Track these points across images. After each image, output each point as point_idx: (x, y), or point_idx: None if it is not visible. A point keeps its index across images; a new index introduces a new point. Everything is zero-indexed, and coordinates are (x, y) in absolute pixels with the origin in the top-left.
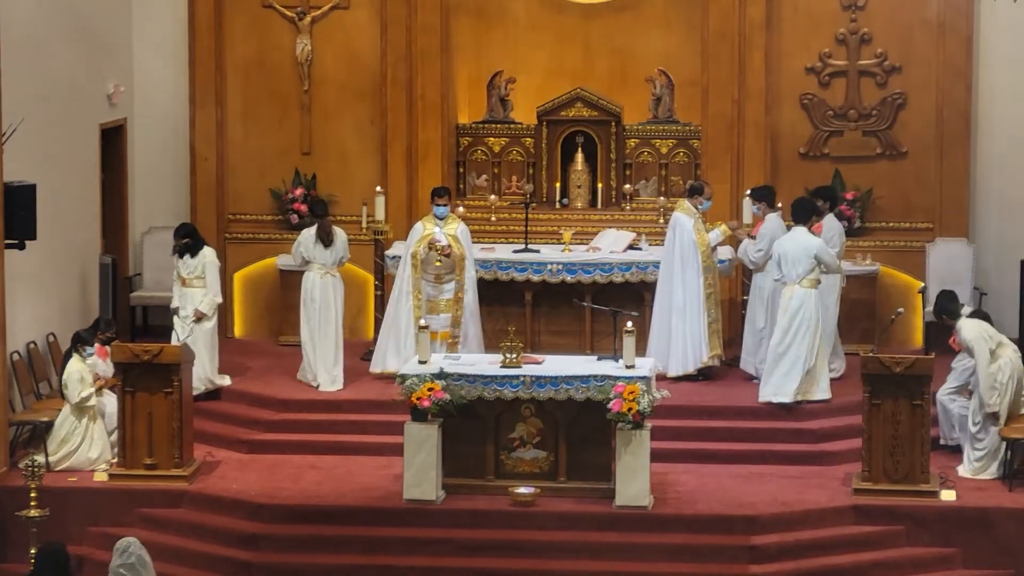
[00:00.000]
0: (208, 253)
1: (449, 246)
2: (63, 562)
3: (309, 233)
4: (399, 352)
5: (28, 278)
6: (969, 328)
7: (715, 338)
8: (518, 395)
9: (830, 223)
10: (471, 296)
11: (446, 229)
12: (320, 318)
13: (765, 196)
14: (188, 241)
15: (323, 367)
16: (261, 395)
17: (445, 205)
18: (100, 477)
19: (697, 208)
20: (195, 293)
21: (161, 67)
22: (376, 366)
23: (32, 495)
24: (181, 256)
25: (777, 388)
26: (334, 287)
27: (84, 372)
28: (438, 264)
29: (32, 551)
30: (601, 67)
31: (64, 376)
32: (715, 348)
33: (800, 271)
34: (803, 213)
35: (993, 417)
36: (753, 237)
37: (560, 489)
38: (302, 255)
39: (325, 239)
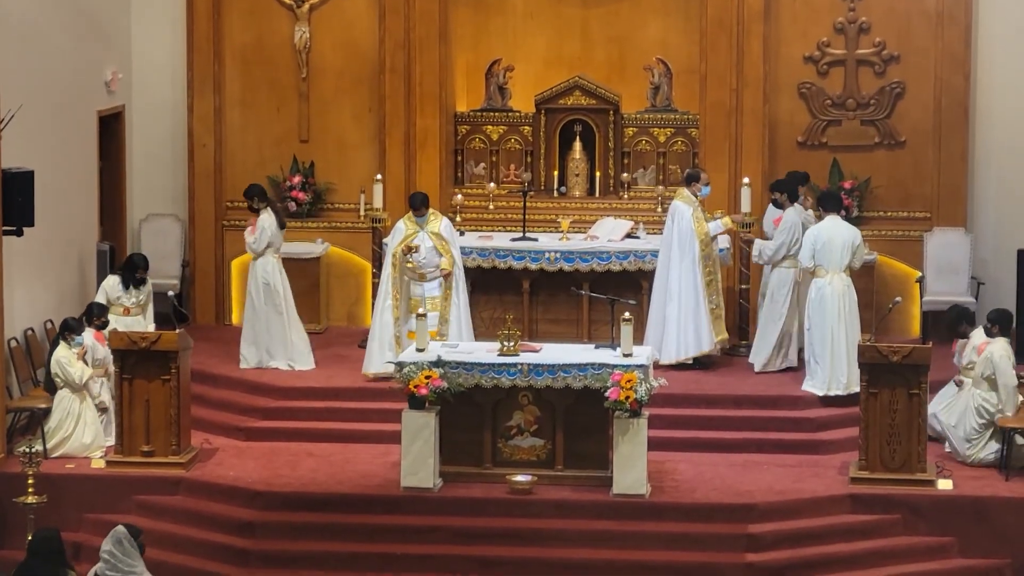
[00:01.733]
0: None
1: (443, 269)
2: (57, 548)
3: (271, 219)
4: (383, 354)
5: (26, 265)
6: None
7: (719, 323)
8: (515, 383)
9: (789, 216)
10: (460, 294)
11: (429, 227)
12: (285, 302)
13: (787, 187)
14: (145, 275)
15: (302, 346)
16: (259, 382)
17: (423, 215)
18: (97, 464)
19: (696, 195)
20: (136, 322)
21: (159, 54)
22: (367, 368)
23: (29, 482)
24: (127, 287)
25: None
26: (282, 270)
27: (71, 357)
28: (409, 266)
29: (29, 537)
30: (599, 55)
31: (52, 364)
32: (720, 333)
33: (846, 260)
34: (833, 201)
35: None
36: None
37: (557, 477)
38: (268, 241)
39: (282, 223)
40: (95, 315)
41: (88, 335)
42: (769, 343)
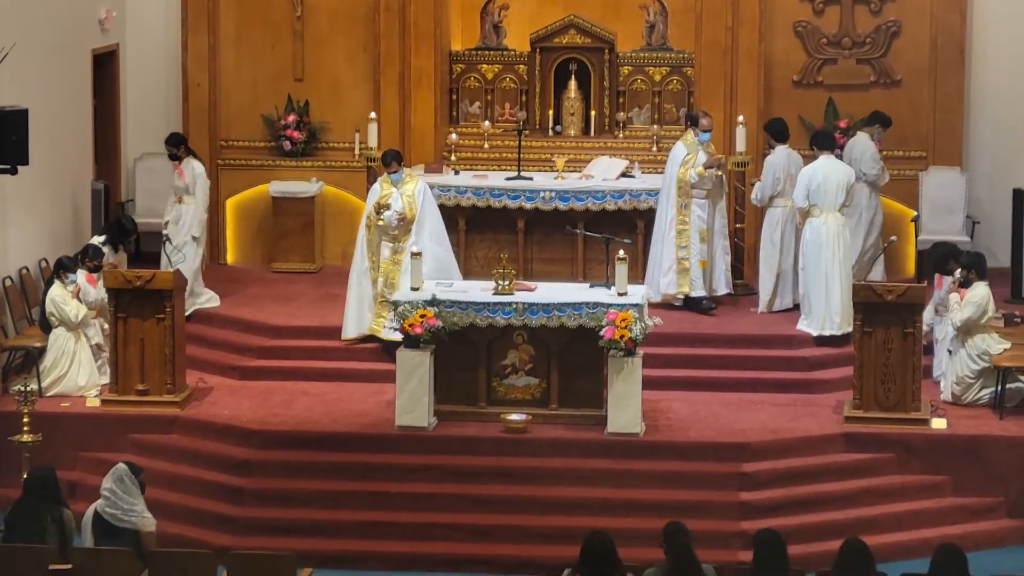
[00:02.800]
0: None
1: (402, 212)
2: (52, 486)
3: (201, 166)
4: (361, 317)
5: (20, 203)
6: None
7: (683, 276)
8: (510, 322)
9: (769, 159)
10: (429, 251)
11: (403, 188)
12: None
13: (772, 129)
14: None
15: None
16: (253, 321)
17: (396, 172)
18: (92, 403)
19: (695, 139)
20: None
21: None
22: (346, 332)
23: (25, 420)
24: (116, 250)
25: (844, 317)
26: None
27: (66, 296)
28: (381, 223)
29: (24, 476)
30: None
31: (47, 303)
32: (682, 286)
33: (841, 199)
34: (827, 141)
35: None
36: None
37: (552, 416)
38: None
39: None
40: (89, 257)
41: (80, 277)
42: (767, 284)
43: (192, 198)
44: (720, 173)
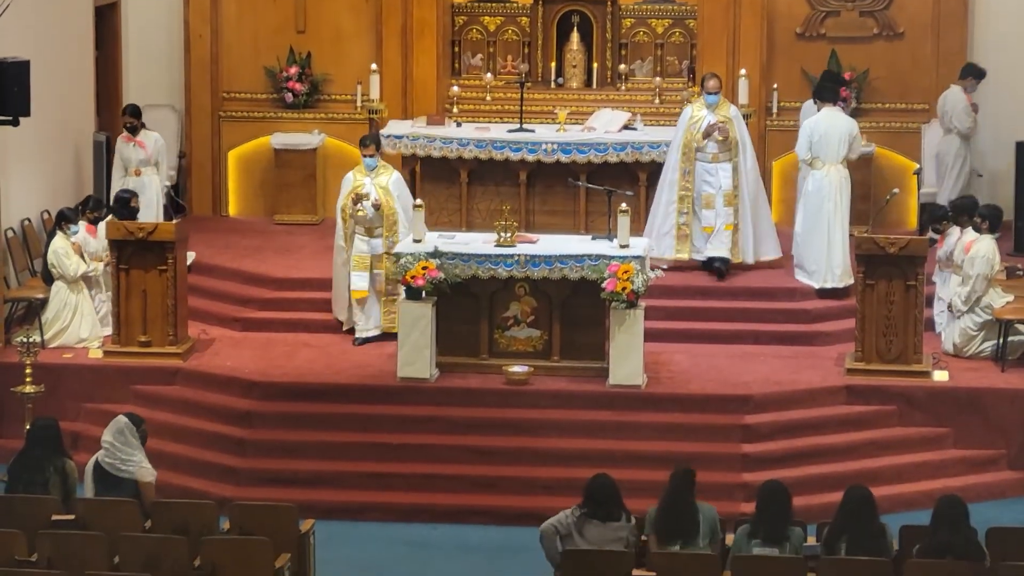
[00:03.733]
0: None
1: (377, 198)
2: (55, 437)
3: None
4: (336, 304)
5: (22, 155)
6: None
7: (682, 242)
8: (512, 274)
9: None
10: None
11: (377, 180)
12: None
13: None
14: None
15: None
16: (255, 273)
17: (372, 156)
18: (95, 354)
19: (704, 100)
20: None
21: None
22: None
23: (27, 371)
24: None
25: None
26: None
27: (68, 248)
28: (360, 214)
29: (27, 427)
30: None
31: (49, 254)
32: (681, 252)
33: (843, 151)
34: (830, 93)
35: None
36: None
37: (554, 368)
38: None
39: None
40: (89, 208)
41: (80, 227)
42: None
43: (153, 168)
44: (721, 138)
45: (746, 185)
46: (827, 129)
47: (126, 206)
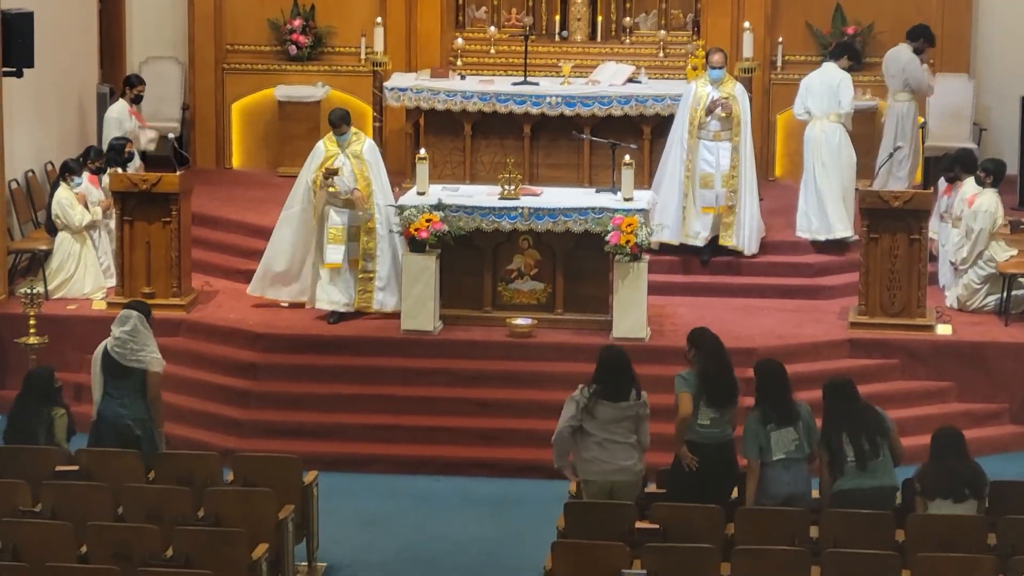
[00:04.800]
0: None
1: (355, 191)
2: (48, 386)
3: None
4: (287, 282)
5: (26, 106)
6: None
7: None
8: (516, 227)
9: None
10: (382, 225)
11: (350, 149)
12: None
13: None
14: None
15: None
16: (259, 225)
17: (344, 134)
18: (99, 305)
19: (707, 76)
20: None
21: None
22: (256, 289)
23: (31, 323)
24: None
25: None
26: None
27: (72, 199)
28: (332, 190)
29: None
30: None
31: (54, 205)
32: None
33: (832, 104)
34: (837, 50)
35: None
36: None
37: (557, 321)
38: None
39: None
40: (91, 159)
41: (83, 178)
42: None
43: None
44: (724, 115)
45: (744, 167)
46: (815, 83)
47: (120, 153)
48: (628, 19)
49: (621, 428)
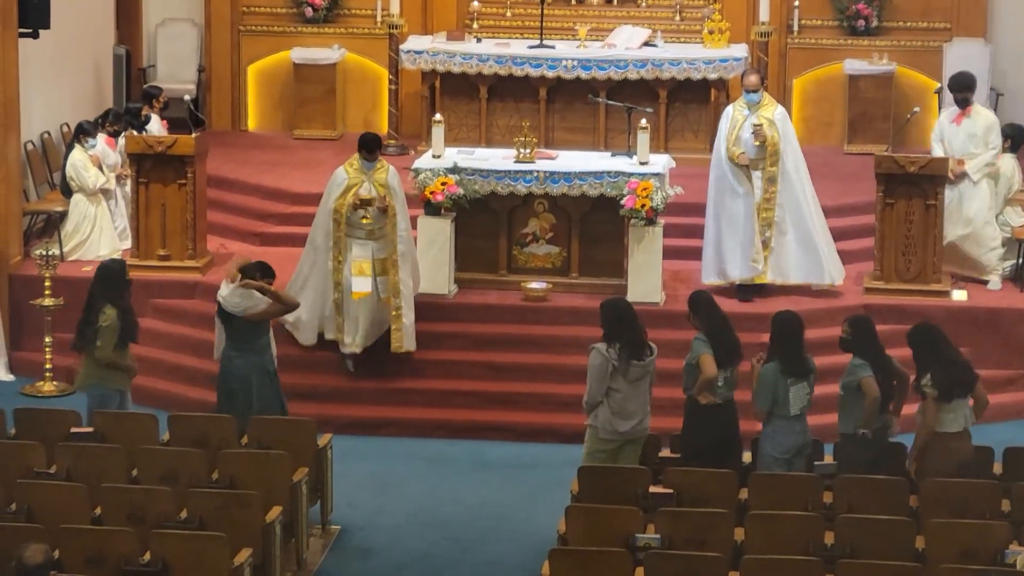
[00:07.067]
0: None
1: (383, 198)
2: (113, 278)
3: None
4: (310, 319)
5: (42, 68)
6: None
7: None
8: (531, 190)
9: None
10: (407, 256)
11: (375, 177)
12: None
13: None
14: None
15: None
16: (274, 188)
17: (374, 159)
18: None
19: (746, 101)
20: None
21: None
22: (306, 338)
23: (46, 284)
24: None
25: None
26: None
27: (86, 161)
28: (366, 221)
29: (47, 339)
30: None
31: (68, 167)
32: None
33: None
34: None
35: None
36: None
37: (572, 285)
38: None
39: None
40: (110, 121)
41: (100, 140)
42: None
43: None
44: (758, 143)
45: (791, 196)
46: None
47: (136, 116)
48: None
49: (642, 385)
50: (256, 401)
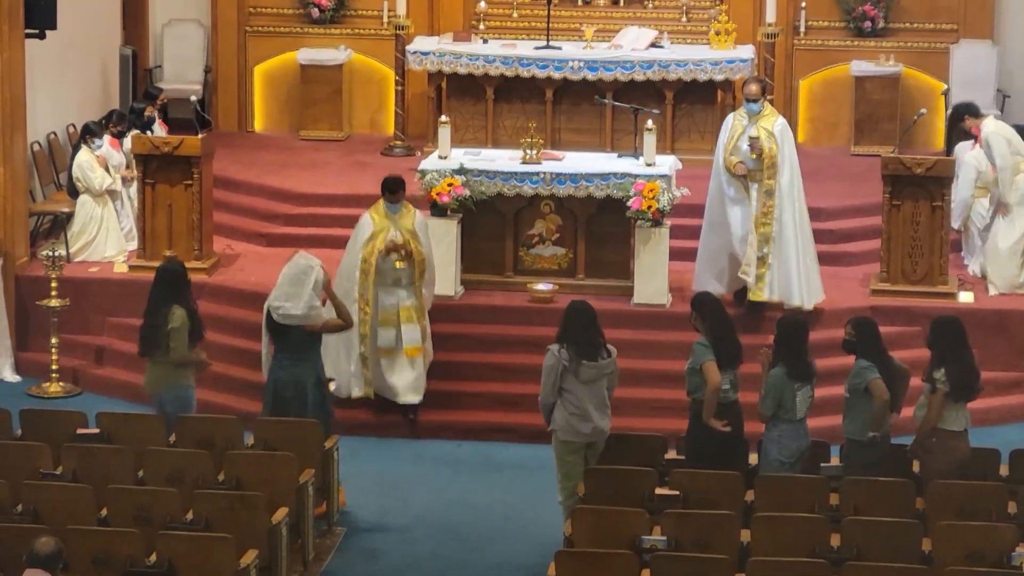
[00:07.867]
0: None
1: (406, 244)
2: (174, 280)
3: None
4: (337, 366)
5: (48, 68)
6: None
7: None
8: (538, 191)
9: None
10: (429, 301)
11: (402, 223)
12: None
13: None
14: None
15: None
16: (280, 189)
17: (398, 202)
18: (120, 268)
19: (746, 111)
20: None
21: None
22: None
23: (52, 285)
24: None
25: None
26: None
27: (92, 161)
28: (399, 266)
29: (53, 340)
30: None
31: (74, 168)
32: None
33: None
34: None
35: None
36: None
37: (578, 286)
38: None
39: None
40: (114, 122)
41: (104, 141)
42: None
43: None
44: (755, 155)
45: (787, 212)
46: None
47: (140, 116)
48: None
49: (598, 387)
50: (312, 408)
